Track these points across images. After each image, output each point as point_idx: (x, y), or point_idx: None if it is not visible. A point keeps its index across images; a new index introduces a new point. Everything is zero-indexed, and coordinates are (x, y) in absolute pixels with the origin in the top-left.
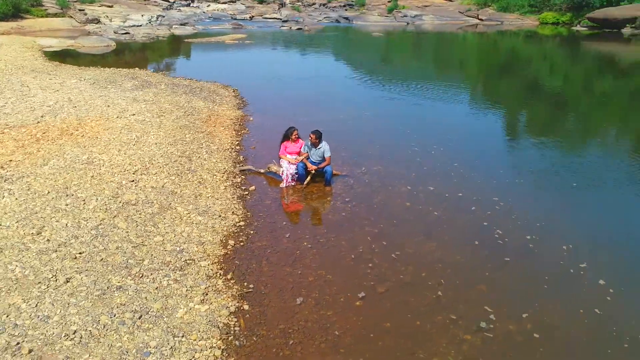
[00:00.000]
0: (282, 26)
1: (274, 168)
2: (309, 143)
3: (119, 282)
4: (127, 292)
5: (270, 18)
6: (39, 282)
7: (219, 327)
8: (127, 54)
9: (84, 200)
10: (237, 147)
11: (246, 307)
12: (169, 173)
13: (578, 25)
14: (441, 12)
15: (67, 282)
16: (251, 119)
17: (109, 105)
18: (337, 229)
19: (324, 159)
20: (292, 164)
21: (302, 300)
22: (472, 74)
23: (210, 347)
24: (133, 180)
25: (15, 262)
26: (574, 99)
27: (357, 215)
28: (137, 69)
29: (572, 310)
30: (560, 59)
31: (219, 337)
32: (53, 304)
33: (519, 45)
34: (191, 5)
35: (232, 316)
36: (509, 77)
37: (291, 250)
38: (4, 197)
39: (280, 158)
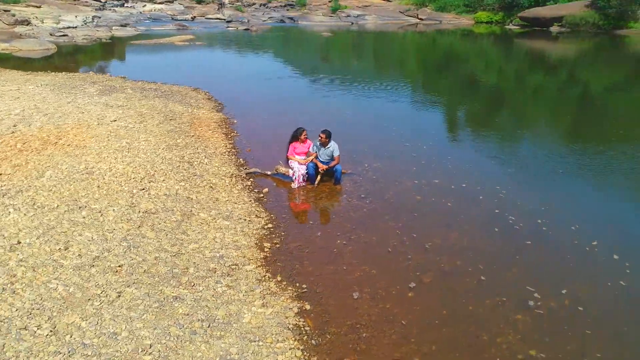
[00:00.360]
0: (228, 27)
1: (282, 169)
2: (318, 143)
3: (173, 293)
4: (185, 302)
5: (213, 18)
6: (89, 299)
7: (290, 329)
8: (72, 58)
9: (100, 212)
10: (233, 150)
11: (307, 307)
12: (176, 179)
13: (510, 24)
14: (382, 12)
15: (119, 296)
16: (235, 121)
17: (83, 112)
18: (363, 225)
19: (332, 158)
20: (302, 164)
21: (358, 295)
22: (430, 71)
23: (290, 349)
24: (144, 189)
25: (54, 281)
26: (524, 93)
27: (376, 211)
28: (92, 73)
29: (601, 284)
30: (497, 56)
31: (294, 338)
32: (114, 320)
33: (461, 43)
34: (125, 5)
35: (298, 317)
36: (461, 75)
37: (328, 249)
38: (9, 213)
39: (288, 159)
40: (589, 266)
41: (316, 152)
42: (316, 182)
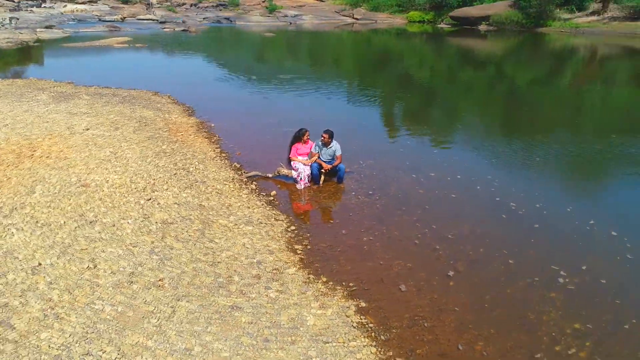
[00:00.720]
0: (164, 28)
1: (283, 171)
2: (320, 143)
3: (228, 302)
4: (244, 311)
5: (145, 19)
6: (144, 317)
7: (355, 327)
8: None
9: (114, 225)
10: (223, 155)
11: (363, 304)
12: (180, 187)
13: (442, 23)
14: (318, 12)
15: (174, 311)
16: (212, 125)
17: (47, 122)
18: (381, 221)
19: (334, 158)
20: (306, 165)
21: (405, 288)
22: (382, 71)
23: (364, 346)
24: (150, 199)
25: (97, 301)
26: (464, 88)
27: (388, 206)
28: (33, 79)
29: (611, 258)
30: (433, 53)
31: (363, 336)
32: (180, 335)
33: (398, 42)
34: (43, 5)
35: (358, 315)
36: (414, 73)
37: (358, 246)
38: (13, 234)
39: (291, 160)
40: (595, 243)
41: (318, 152)
42: (321, 182)
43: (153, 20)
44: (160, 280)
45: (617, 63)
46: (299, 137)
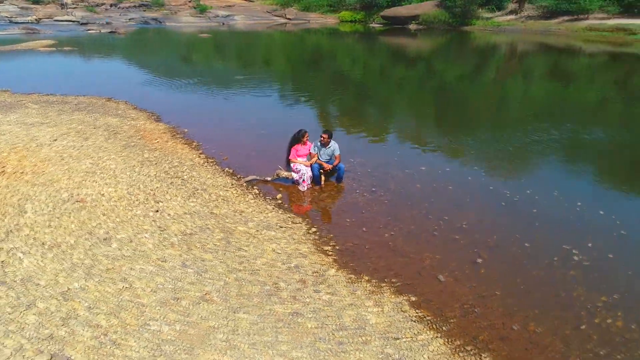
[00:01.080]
0: (88, 30)
1: (283, 174)
2: (319, 143)
3: (286, 309)
4: (306, 316)
5: (63, 20)
6: (208, 333)
7: (416, 321)
8: None
9: (131, 241)
10: (211, 160)
11: (413, 298)
12: (182, 197)
13: (373, 23)
14: (249, 12)
15: (236, 324)
16: (185, 130)
17: (3, 134)
18: (394, 216)
19: (333, 158)
20: (306, 166)
21: (443, 279)
22: (326, 70)
23: (432, 339)
24: (157, 210)
25: (151, 322)
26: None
27: (395, 202)
28: None
29: (610, 233)
30: (366, 51)
31: (427, 329)
32: (255, 348)
33: (335, 42)
34: None
35: (413, 309)
36: (356, 72)
37: (383, 243)
38: (21, 260)
39: (291, 162)
40: (589, 222)
41: (317, 152)
42: (322, 183)
43: (73, 21)
44: (207, 294)
45: (533, 59)
46: (298, 138)
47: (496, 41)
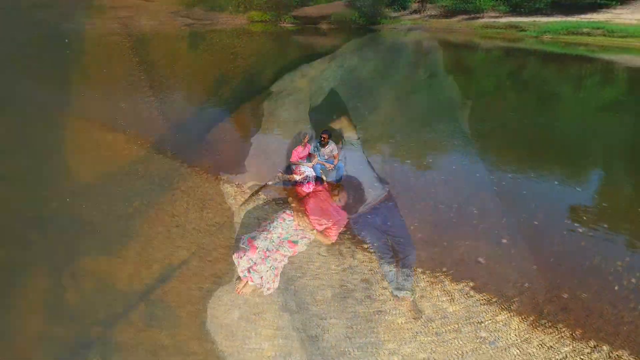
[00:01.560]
0: None
1: (285, 177)
2: (318, 144)
3: (368, 310)
4: (390, 313)
5: None
6: (304, 341)
7: (486, 304)
8: None
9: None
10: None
11: (471, 283)
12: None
13: (285, 22)
14: (152, 13)
15: (329, 330)
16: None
17: None
18: (407, 208)
19: (332, 157)
20: (310, 167)
21: (483, 261)
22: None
23: (509, 317)
24: (177, 226)
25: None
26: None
27: (400, 195)
28: None
29: (597, 206)
30: (283, 51)
31: (500, 309)
32: (363, 350)
33: (256, 42)
34: None
35: (477, 293)
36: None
37: (412, 235)
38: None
39: (294, 165)
40: (575, 199)
41: (316, 153)
42: (325, 183)
43: None
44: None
45: (439, 54)
46: (299, 140)
47: (405, 39)
